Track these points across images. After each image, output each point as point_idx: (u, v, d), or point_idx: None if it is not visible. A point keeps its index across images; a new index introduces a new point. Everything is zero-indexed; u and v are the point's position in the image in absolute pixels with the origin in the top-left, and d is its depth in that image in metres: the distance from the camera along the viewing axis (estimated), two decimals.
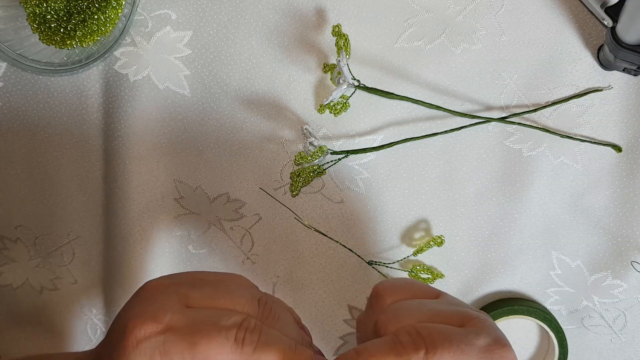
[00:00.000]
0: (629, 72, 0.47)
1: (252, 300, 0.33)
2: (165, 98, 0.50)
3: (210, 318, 0.31)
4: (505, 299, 0.52)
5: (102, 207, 0.52)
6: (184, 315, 0.31)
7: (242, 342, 0.30)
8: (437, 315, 0.32)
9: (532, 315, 0.50)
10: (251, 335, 0.30)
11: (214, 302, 0.32)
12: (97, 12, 0.47)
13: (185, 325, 0.30)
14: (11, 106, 0.50)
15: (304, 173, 0.49)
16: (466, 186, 0.50)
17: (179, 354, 0.29)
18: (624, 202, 0.49)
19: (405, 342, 0.29)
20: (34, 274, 0.53)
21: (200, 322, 0.31)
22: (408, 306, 0.33)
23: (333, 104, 0.48)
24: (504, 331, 0.51)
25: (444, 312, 0.32)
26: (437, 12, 0.48)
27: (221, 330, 0.30)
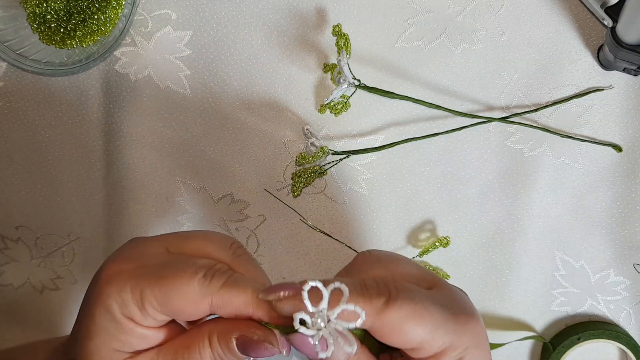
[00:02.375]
0: (629, 72, 0.47)
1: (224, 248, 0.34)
2: (166, 98, 0.50)
3: (183, 259, 0.32)
4: (589, 322, 0.52)
5: (102, 207, 0.52)
6: (159, 257, 0.32)
7: (210, 279, 0.30)
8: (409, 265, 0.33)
9: (617, 339, 0.50)
10: (220, 275, 0.31)
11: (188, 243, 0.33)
12: (97, 12, 0.47)
13: (157, 263, 0.31)
14: (11, 106, 0.50)
15: (305, 174, 0.49)
16: (468, 186, 0.50)
17: (147, 285, 0.30)
18: (626, 203, 0.50)
19: (370, 286, 0.30)
20: (35, 273, 0.53)
21: (172, 259, 0.32)
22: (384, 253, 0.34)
23: (333, 103, 0.48)
24: (586, 356, 0.52)
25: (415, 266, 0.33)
26: (437, 12, 0.48)
27: (191, 265, 0.31)
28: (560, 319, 0.52)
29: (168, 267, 0.31)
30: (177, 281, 0.30)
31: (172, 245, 0.33)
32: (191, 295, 0.30)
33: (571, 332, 0.51)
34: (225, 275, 0.31)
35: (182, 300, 0.30)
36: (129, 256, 0.32)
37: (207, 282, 0.30)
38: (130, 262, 0.32)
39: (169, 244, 0.33)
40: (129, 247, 0.34)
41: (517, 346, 0.53)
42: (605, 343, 0.51)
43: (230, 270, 0.32)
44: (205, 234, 0.34)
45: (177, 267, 0.31)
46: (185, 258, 0.32)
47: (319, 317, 0.28)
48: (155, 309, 0.30)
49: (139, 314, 0.30)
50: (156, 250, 0.33)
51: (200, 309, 0.30)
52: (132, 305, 0.30)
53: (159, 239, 0.34)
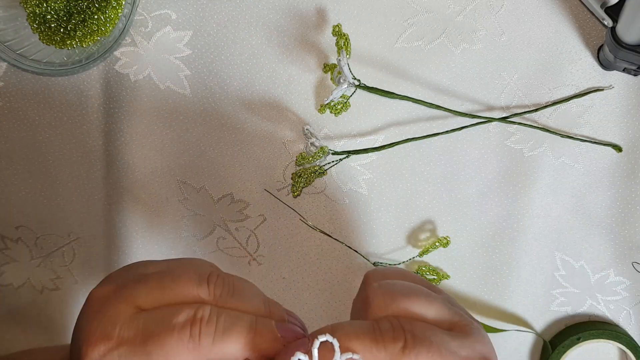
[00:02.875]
0: (629, 72, 0.47)
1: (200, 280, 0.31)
2: (167, 98, 0.50)
3: (161, 319, 0.29)
4: (588, 322, 0.52)
5: (103, 207, 0.52)
6: (134, 324, 0.29)
7: (198, 337, 0.28)
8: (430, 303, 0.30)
9: (617, 339, 0.50)
10: (207, 327, 0.28)
11: (163, 295, 0.30)
12: (97, 12, 0.47)
13: (136, 334, 0.28)
14: (11, 106, 0.50)
15: (305, 174, 0.49)
16: (468, 186, 0.50)
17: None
18: (625, 203, 0.50)
19: (384, 330, 0.28)
20: (35, 273, 0.53)
21: (151, 326, 0.29)
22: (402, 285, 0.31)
23: (333, 103, 0.48)
24: (586, 356, 0.52)
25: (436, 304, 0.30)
26: (437, 12, 0.48)
27: (173, 330, 0.28)
28: (560, 319, 0.52)
29: (150, 339, 0.28)
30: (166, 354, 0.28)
31: (143, 301, 0.30)
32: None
33: (571, 332, 0.51)
34: (212, 326, 0.29)
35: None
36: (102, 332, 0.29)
37: (197, 343, 0.28)
38: (107, 340, 0.29)
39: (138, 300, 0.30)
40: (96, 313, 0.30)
41: (517, 347, 0.53)
42: (605, 343, 0.51)
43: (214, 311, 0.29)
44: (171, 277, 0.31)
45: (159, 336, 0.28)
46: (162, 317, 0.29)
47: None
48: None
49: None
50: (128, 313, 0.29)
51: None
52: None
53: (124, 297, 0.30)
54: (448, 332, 0.29)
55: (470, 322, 0.30)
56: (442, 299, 0.31)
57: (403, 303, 0.30)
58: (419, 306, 0.30)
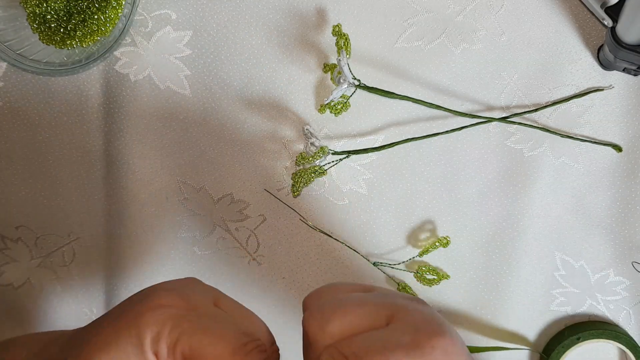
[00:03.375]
0: (629, 72, 0.47)
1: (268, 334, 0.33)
2: (167, 98, 0.50)
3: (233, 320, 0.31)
4: (588, 322, 0.52)
5: (103, 207, 0.52)
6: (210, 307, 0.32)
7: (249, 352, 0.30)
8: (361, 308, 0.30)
9: (617, 339, 0.50)
10: (259, 354, 0.30)
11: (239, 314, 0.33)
12: (97, 12, 0.47)
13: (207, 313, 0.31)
14: (11, 106, 0.50)
15: (305, 174, 0.49)
16: (468, 186, 0.50)
17: (189, 331, 0.29)
18: (625, 203, 0.50)
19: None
20: (35, 273, 0.53)
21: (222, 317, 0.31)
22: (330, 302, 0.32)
23: (333, 103, 0.48)
24: (586, 356, 0.52)
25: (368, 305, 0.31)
26: (437, 12, 0.48)
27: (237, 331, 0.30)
28: (560, 319, 0.52)
29: (215, 322, 0.30)
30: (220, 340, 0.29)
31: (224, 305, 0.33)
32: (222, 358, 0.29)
33: (571, 332, 0.51)
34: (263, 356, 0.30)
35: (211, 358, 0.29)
36: (184, 293, 0.32)
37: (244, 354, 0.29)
38: (183, 300, 0.31)
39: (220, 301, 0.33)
40: (186, 284, 0.33)
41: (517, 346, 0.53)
42: (605, 343, 0.51)
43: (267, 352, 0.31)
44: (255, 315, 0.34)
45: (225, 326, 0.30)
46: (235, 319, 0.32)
47: None
48: (184, 355, 0.29)
49: (164, 353, 0.30)
50: (208, 299, 0.32)
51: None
52: (163, 343, 0.29)
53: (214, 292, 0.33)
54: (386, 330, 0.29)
55: (406, 305, 0.31)
56: (371, 298, 0.31)
57: (336, 321, 0.30)
58: (352, 317, 0.30)
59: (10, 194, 0.51)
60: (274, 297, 0.53)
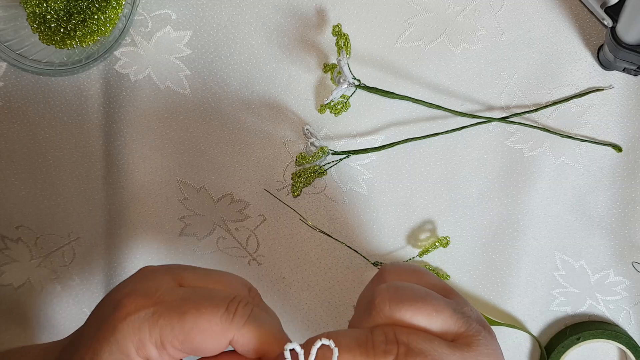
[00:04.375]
0: (629, 72, 0.47)
1: (242, 286, 0.32)
2: (167, 98, 0.50)
3: (202, 291, 0.31)
4: (588, 322, 0.52)
5: (103, 207, 0.52)
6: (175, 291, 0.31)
7: (233, 313, 0.29)
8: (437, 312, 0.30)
9: (617, 339, 0.50)
10: (243, 309, 0.30)
11: (206, 283, 0.32)
12: (97, 12, 0.47)
13: (176, 299, 0.30)
14: (11, 106, 0.50)
15: (305, 174, 0.49)
16: (468, 186, 0.50)
17: (167, 324, 0.29)
18: (625, 203, 0.50)
19: (377, 343, 0.28)
20: (35, 273, 0.53)
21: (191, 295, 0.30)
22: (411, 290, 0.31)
23: (333, 103, 0.49)
24: (586, 356, 0.52)
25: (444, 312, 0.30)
26: (437, 12, 0.48)
27: (212, 300, 0.30)
28: (560, 318, 0.52)
29: (187, 302, 0.30)
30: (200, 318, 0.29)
31: (188, 281, 0.32)
32: (214, 333, 0.29)
33: (571, 332, 0.51)
34: (248, 310, 0.30)
35: (205, 338, 0.29)
36: (144, 291, 0.31)
37: (230, 317, 0.29)
38: (147, 297, 0.30)
39: (185, 280, 0.32)
40: (142, 279, 0.32)
41: (517, 347, 0.53)
42: (605, 343, 0.51)
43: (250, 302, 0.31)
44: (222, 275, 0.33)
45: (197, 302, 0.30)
46: (204, 291, 0.31)
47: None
48: (175, 348, 0.29)
49: (155, 354, 0.29)
50: (170, 284, 0.31)
51: (221, 345, 0.29)
52: (149, 346, 0.29)
53: (172, 272, 0.32)
54: (449, 344, 0.29)
55: (479, 332, 0.30)
56: (452, 306, 0.31)
57: (407, 311, 0.29)
58: (424, 315, 0.30)
59: (10, 194, 0.51)
60: (274, 297, 0.53)
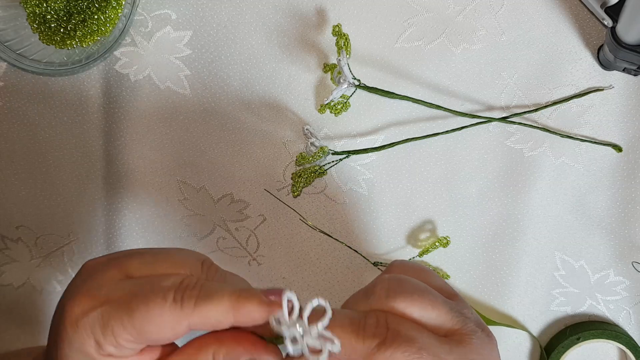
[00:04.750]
0: (629, 72, 0.47)
1: (195, 262, 0.32)
2: (167, 98, 0.50)
3: (148, 282, 0.30)
4: (588, 322, 0.52)
5: (102, 207, 0.52)
6: (120, 286, 0.30)
7: (181, 300, 0.29)
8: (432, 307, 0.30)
9: (617, 339, 0.50)
10: (191, 292, 0.29)
11: (154, 268, 0.31)
12: (97, 12, 0.47)
13: (122, 295, 0.29)
14: (11, 106, 0.50)
15: (305, 174, 0.49)
16: (468, 186, 0.50)
17: (118, 323, 0.29)
18: (625, 203, 0.50)
19: (368, 325, 0.29)
20: (35, 273, 0.53)
21: (137, 288, 0.30)
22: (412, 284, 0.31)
23: (333, 103, 0.49)
24: (586, 356, 0.52)
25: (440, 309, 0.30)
26: (437, 12, 0.48)
27: (158, 291, 0.29)
28: (560, 318, 0.52)
29: (134, 298, 0.29)
30: (148, 313, 0.28)
31: (134, 271, 0.31)
32: (166, 324, 0.29)
33: (571, 332, 0.51)
34: (196, 291, 0.29)
35: (158, 330, 0.29)
36: (88, 292, 0.30)
37: (179, 305, 0.29)
38: (92, 299, 0.30)
39: (130, 269, 0.31)
40: (85, 278, 0.31)
41: (516, 347, 0.53)
42: (605, 343, 0.51)
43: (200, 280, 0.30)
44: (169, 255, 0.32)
45: (144, 296, 0.29)
46: (149, 282, 0.30)
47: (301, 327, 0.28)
48: (131, 342, 0.29)
49: (116, 351, 0.29)
50: (115, 278, 0.31)
51: (179, 332, 0.29)
52: (106, 345, 0.29)
53: (117, 264, 0.31)
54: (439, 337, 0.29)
55: (474, 332, 0.30)
56: (449, 305, 0.31)
57: (403, 301, 0.30)
58: (419, 308, 0.30)
59: (10, 194, 0.51)
60: None
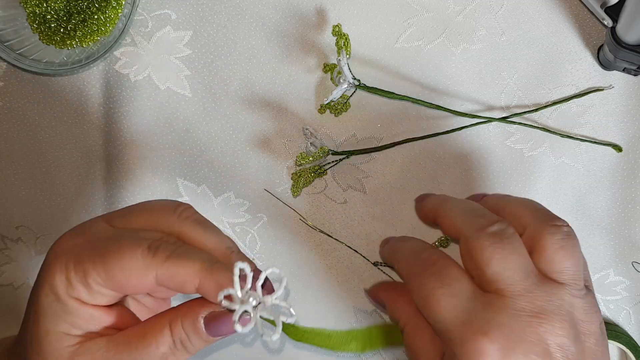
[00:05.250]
0: (629, 72, 0.47)
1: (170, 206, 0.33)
2: (167, 98, 0.50)
3: (129, 232, 0.32)
4: None
5: (102, 207, 0.52)
6: (105, 231, 0.32)
7: (155, 250, 0.30)
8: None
9: (617, 339, 0.50)
10: (167, 245, 0.30)
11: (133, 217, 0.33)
12: (97, 12, 0.47)
13: (102, 237, 0.31)
14: (11, 106, 0.50)
15: (305, 174, 0.49)
16: (469, 187, 0.50)
17: (90, 261, 0.30)
18: (625, 203, 0.50)
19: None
20: (35, 273, 0.53)
21: (118, 233, 0.31)
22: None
23: (333, 103, 0.49)
24: None
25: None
26: (437, 12, 0.48)
27: (136, 237, 0.30)
28: None
29: (112, 240, 0.31)
30: (120, 254, 0.30)
31: (117, 221, 0.33)
32: (135, 268, 0.29)
33: None
34: (171, 248, 0.30)
35: (126, 273, 0.29)
36: (76, 231, 0.32)
37: (151, 254, 0.30)
38: (77, 237, 0.32)
39: (114, 220, 0.33)
40: (79, 225, 0.34)
41: None
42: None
43: (179, 242, 0.31)
44: (148, 204, 0.34)
45: (120, 240, 0.30)
46: (129, 232, 0.32)
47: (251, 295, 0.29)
48: (99, 284, 0.30)
49: (84, 292, 0.30)
50: (101, 226, 0.32)
51: (145, 282, 0.30)
52: (76, 282, 0.30)
53: (104, 216, 0.34)
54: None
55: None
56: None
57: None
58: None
59: (10, 194, 0.51)
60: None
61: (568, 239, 0.34)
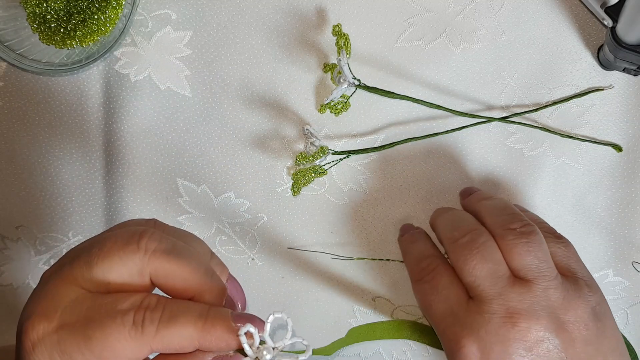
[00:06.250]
0: (629, 72, 0.47)
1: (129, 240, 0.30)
2: (167, 98, 0.50)
3: (105, 305, 0.28)
4: None
5: (102, 207, 0.52)
6: (77, 308, 0.29)
7: (141, 324, 0.27)
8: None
9: None
10: (152, 314, 0.28)
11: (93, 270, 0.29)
12: (97, 12, 0.47)
13: (78, 319, 0.28)
14: (11, 106, 0.50)
15: (305, 173, 0.49)
16: (468, 187, 0.50)
17: (76, 350, 0.27)
18: (625, 203, 0.50)
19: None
20: (35, 273, 0.53)
21: (94, 311, 0.28)
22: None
23: (333, 103, 0.49)
24: None
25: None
26: (437, 11, 0.48)
27: (116, 315, 0.28)
28: None
29: (92, 323, 0.28)
30: (107, 340, 0.27)
31: (84, 281, 0.29)
32: (126, 349, 0.28)
33: None
34: (158, 313, 0.28)
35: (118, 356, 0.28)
36: (44, 311, 0.29)
37: (140, 330, 0.27)
38: (48, 320, 0.28)
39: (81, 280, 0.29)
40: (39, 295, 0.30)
41: None
42: None
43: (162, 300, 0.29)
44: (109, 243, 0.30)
45: (101, 322, 0.28)
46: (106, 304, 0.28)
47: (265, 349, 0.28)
48: None
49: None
50: (72, 296, 0.29)
51: (141, 356, 0.28)
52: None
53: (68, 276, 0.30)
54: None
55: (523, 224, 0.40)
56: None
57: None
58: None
59: (10, 194, 0.51)
60: (273, 297, 0.53)
61: (521, 237, 0.38)
